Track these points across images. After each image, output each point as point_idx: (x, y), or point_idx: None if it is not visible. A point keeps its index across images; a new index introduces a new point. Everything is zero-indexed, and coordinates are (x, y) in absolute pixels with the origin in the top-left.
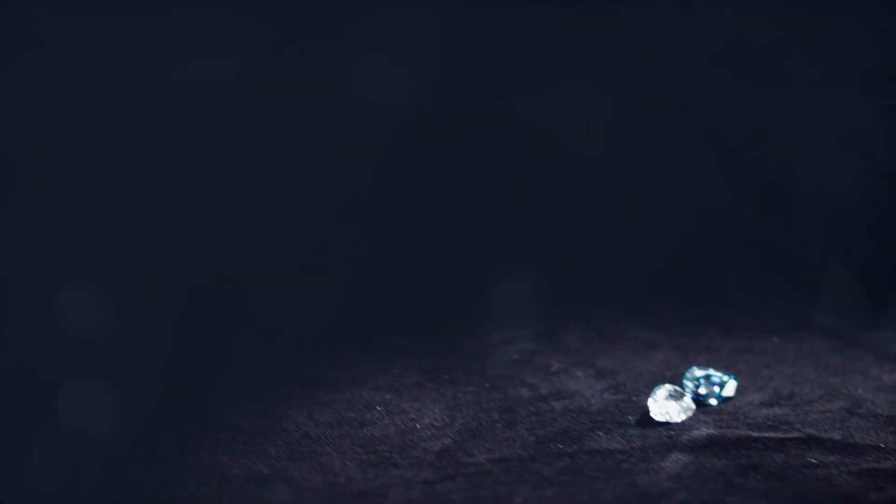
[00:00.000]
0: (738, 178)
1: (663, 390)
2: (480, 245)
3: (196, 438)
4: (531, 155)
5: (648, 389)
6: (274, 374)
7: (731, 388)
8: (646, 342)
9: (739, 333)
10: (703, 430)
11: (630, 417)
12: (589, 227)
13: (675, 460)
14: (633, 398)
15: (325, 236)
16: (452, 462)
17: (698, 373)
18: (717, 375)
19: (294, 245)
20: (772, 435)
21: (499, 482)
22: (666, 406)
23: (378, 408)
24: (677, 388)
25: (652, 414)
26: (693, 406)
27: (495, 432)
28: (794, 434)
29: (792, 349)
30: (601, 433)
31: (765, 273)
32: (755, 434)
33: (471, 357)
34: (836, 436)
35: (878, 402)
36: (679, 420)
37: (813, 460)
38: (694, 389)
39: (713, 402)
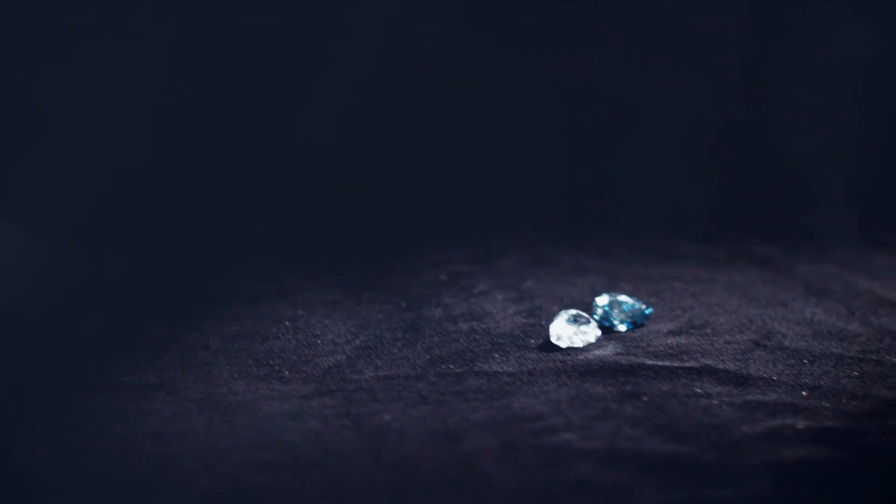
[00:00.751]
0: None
1: (567, 315)
2: (430, 171)
3: (97, 349)
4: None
5: None
6: (196, 287)
7: (641, 316)
8: (579, 267)
9: (676, 262)
10: (599, 356)
11: (533, 341)
12: (544, 157)
13: (559, 385)
14: (544, 322)
15: (276, 157)
16: (337, 378)
17: (607, 299)
18: (627, 302)
19: (241, 164)
20: (667, 364)
21: (375, 399)
22: (567, 331)
23: (286, 323)
24: (582, 314)
25: (552, 338)
26: (598, 332)
27: (392, 351)
28: (690, 364)
29: (724, 279)
30: (497, 355)
31: (718, 203)
32: (650, 362)
33: (399, 276)
34: (732, 367)
35: (789, 334)
36: (580, 345)
37: (698, 390)
38: (602, 315)
39: (622, 328)
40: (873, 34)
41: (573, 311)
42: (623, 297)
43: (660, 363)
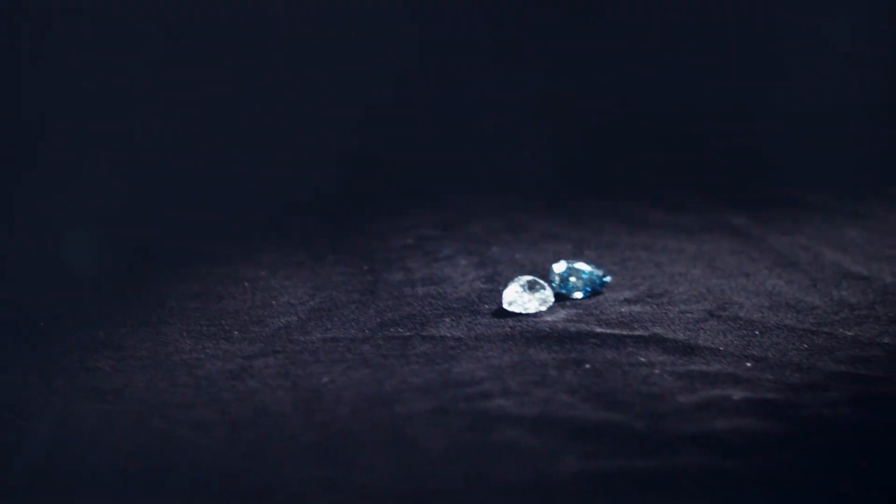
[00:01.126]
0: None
1: (521, 281)
2: (407, 136)
3: (54, 306)
4: None
5: None
6: (162, 246)
7: (598, 283)
8: (549, 234)
9: (647, 231)
10: (549, 322)
11: (487, 307)
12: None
13: (504, 350)
14: (502, 288)
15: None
16: (284, 339)
17: (564, 266)
18: (585, 269)
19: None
20: (616, 332)
21: (317, 360)
22: (521, 297)
23: (245, 283)
24: (537, 280)
25: (504, 304)
26: (552, 298)
27: (344, 313)
28: (640, 332)
29: (693, 249)
30: (448, 320)
31: (697, 172)
32: (599, 330)
33: (367, 240)
34: (681, 336)
35: (745, 305)
36: (533, 311)
37: (642, 359)
38: (559, 282)
39: (578, 295)
40: (853, 15)
41: (528, 278)
42: (580, 265)
43: (608, 331)
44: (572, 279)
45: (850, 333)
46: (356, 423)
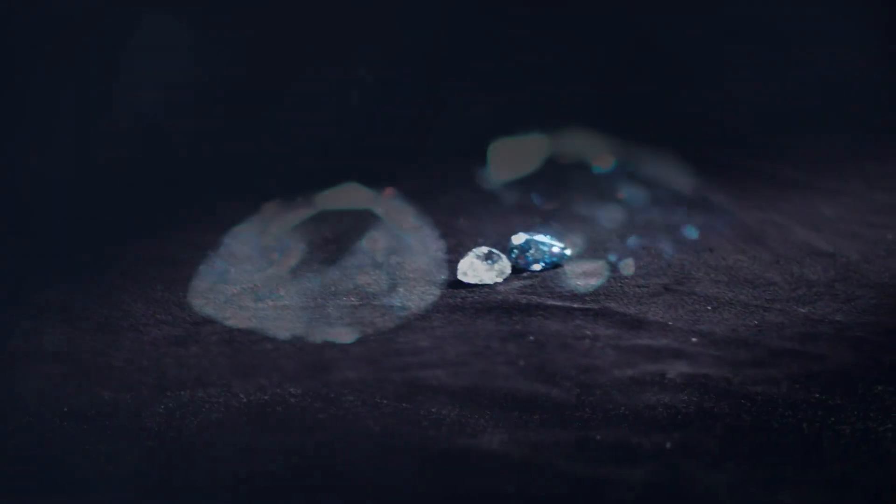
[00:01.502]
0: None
1: (477, 252)
2: (384, 106)
3: (20, 270)
4: None
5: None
6: (129, 213)
7: (559, 256)
8: (521, 207)
9: (620, 204)
10: (502, 293)
11: (444, 277)
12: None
13: (450, 321)
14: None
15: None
16: (236, 306)
17: (524, 238)
18: (545, 242)
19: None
20: (567, 304)
21: (263, 328)
22: (476, 267)
23: (208, 250)
24: (495, 251)
25: (459, 274)
26: (508, 270)
27: (301, 281)
28: (590, 305)
29: (662, 223)
30: (402, 290)
31: (677, 148)
32: (549, 302)
33: (334, 209)
34: (632, 310)
35: (703, 280)
36: (490, 282)
37: (588, 332)
38: (517, 254)
39: (537, 267)
40: None
41: (485, 249)
42: (540, 237)
43: (559, 303)
44: (531, 251)
45: (803, 310)
46: (289, 391)
